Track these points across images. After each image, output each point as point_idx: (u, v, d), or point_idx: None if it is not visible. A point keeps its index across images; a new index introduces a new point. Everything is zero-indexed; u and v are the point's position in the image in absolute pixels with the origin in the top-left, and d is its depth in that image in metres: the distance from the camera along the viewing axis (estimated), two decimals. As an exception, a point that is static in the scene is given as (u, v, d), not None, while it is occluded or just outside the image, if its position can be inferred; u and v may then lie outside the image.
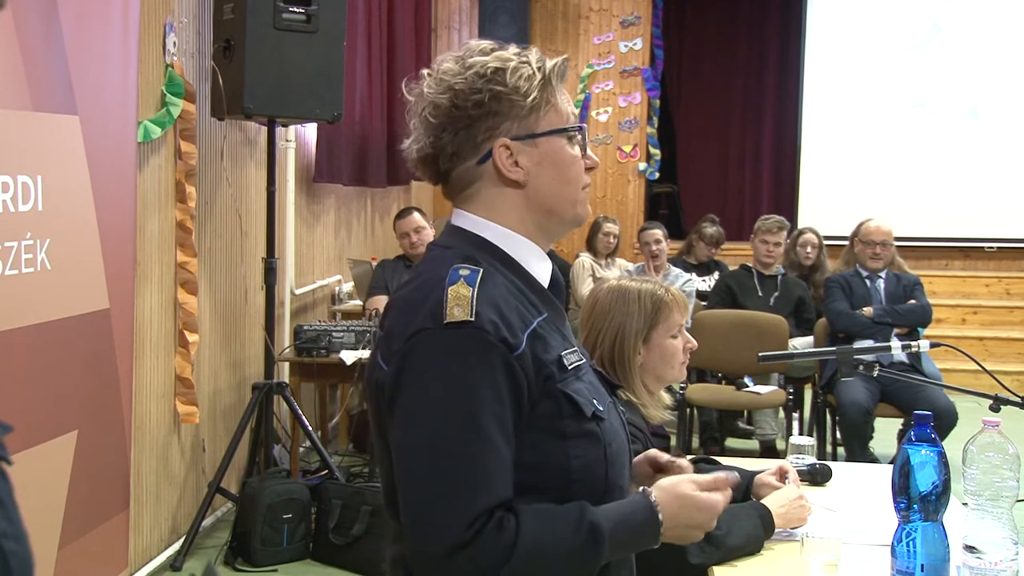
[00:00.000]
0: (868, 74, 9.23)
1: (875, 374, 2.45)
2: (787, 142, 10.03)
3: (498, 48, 1.44)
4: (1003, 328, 8.47)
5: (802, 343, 5.47)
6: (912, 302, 5.27)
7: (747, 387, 5.31)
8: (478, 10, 8.52)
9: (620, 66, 9.17)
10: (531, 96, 1.40)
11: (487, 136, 1.41)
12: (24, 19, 2.57)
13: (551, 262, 1.50)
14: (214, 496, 4.06)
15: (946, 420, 4.59)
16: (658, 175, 9.41)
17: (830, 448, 5.39)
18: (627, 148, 9.18)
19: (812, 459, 2.57)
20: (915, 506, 1.66)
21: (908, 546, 1.67)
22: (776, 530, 2.08)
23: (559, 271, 1.53)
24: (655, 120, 9.34)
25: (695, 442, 5.63)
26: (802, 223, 8.06)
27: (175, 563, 3.84)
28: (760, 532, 2.05)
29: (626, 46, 9.15)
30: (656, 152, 9.26)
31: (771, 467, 2.32)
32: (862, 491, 2.46)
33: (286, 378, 4.83)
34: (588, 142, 1.49)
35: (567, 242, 8.03)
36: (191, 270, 3.98)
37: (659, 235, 6.23)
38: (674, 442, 5.14)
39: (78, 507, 2.85)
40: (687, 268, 6.57)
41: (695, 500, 1.40)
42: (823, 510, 2.29)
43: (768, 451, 5.49)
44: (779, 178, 10.34)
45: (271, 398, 4.23)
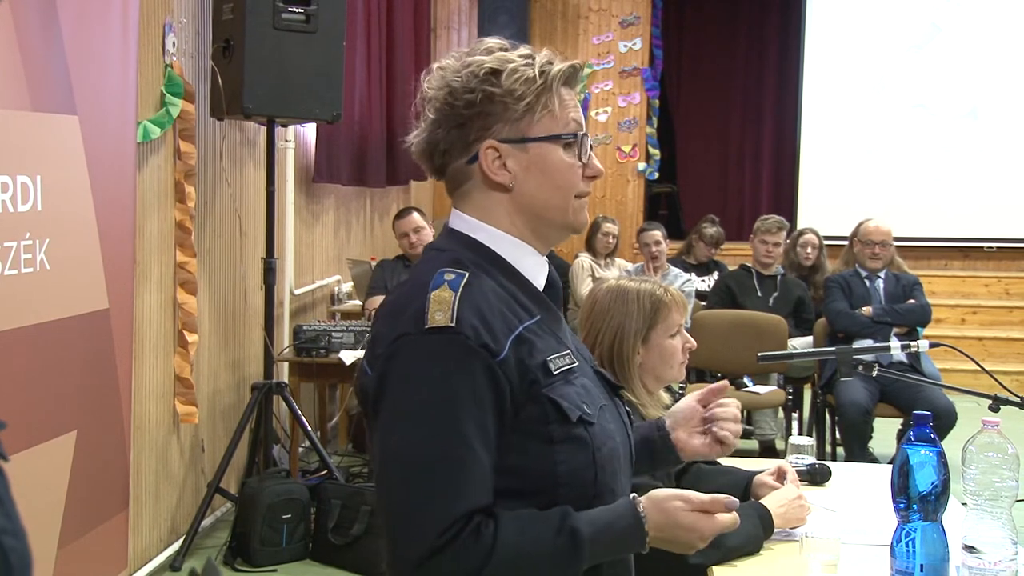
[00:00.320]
0: (868, 74, 9.23)
1: (874, 374, 2.45)
2: (787, 142, 10.04)
3: (505, 48, 1.42)
4: (1002, 328, 8.48)
5: (801, 343, 5.47)
6: (911, 302, 5.27)
7: (746, 387, 5.31)
8: (477, 10, 8.52)
9: (619, 66, 9.17)
10: (525, 100, 1.39)
11: (478, 136, 1.40)
12: (23, 19, 2.57)
13: (546, 263, 1.49)
14: (213, 496, 4.06)
15: (945, 420, 4.59)
16: (657, 175, 9.42)
17: (829, 448, 5.40)
18: (626, 148, 9.18)
19: (811, 459, 2.57)
20: (914, 506, 1.66)
21: (907, 546, 1.67)
22: (775, 530, 2.08)
23: (556, 272, 1.52)
24: (654, 120, 9.34)
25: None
26: (802, 223, 8.06)
27: (174, 563, 3.84)
28: (759, 532, 2.05)
29: (625, 46, 9.15)
30: (655, 152, 9.26)
31: (770, 467, 2.32)
32: (861, 491, 2.46)
33: (285, 378, 4.83)
34: (591, 149, 1.46)
35: (566, 242, 7.99)
36: (190, 270, 3.97)
37: (658, 236, 6.22)
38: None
39: (77, 507, 2.85)
40: (686, 268, 6.57)
41: (679, 519, 1.37)
42: (822, 510, 2.29)
43: (767, 451, 5.49)
44: (779, 178, 10.34)
45: (270, 398, 4.23)
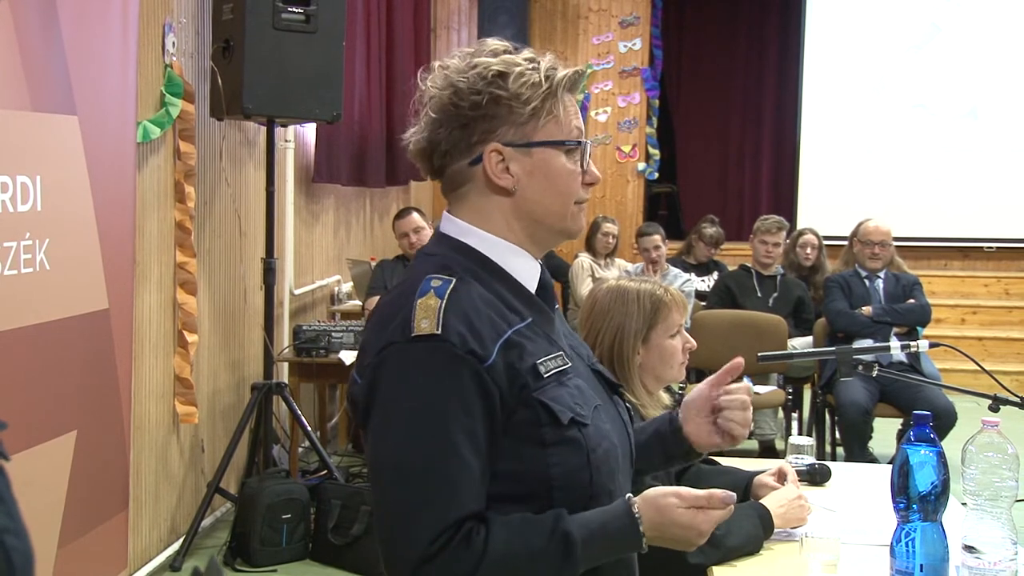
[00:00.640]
0: (867, 74, 9.23)
1: (874, 374, 2.45)
2: (786, 142, 10.04)
3: (510, 51, 1.41)
4: (1002, 328, 8.48)
5: (801, 343, 5.47)
6: (911, 301, 5.28)
7: (746, 387, 5.30)
8: (477, 10, 8.52)
9: (619, 66, 9.17)
10: (532, 104, 1.38)
11: (481, 138, 1.39)
12: (23, 19, 2.57)
13: (538, 265, 1.48)
14: (213, 496, 4.06)
15: (945, 420, 4.59)
16: (657, 175, 9.41)
17: (829, 448, 5.40)
18: (626, 148, 9.18)
19: (811, 459, 2.57)
20: (914, 506, 1.66)
21: (907, 546, 1.67)
22: (775, 530, 2.09)
23: (550, 273, 1.52)
24: (654, 120, 9.33)
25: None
26: (801, 223, 8.07)
27: (174, 563, 3.84)
28: (759, 532, 2.05)
29: (625, 46, 9.15)
30: (655, 152, 9.26)
31: (770, 468, 2.32)
32: (861, 491, 2.46)
33: (285, 378, 4.83)
34: (590, 157, 1.46)
35: (566, 242, 8.01)
36: (190, 270, 3.97)
37: (658, 240, 6.20)
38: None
39: (77, 507, 2.85)
40: (686, 268, 6.57)
41: (675, 516, 1.36)
42: (822, 510, 2.29)
43: (767, 451, 5.49)
44: (778, 178, 10.35)
45: (270, 398, 4.23)
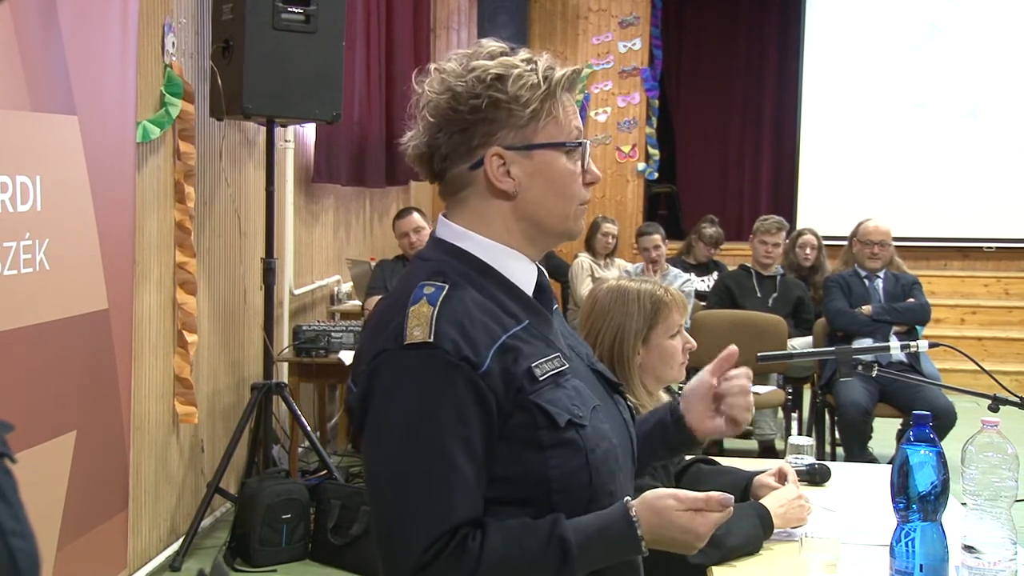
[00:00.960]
0: (867, 74, 9.23)
1: (874, 374, 2.45)
2: (786, 142, 10.04)
3: (507, 53, 1.40)
4: (1002, 328, 8.48)
5: (801, 343, 5.47)
6: (911, 300, 5.28)
7: (746, 387, 5.30)
8: (477, 10, 8.51)
9: (619, 66, 9.17)
10: (531, 106, 1.37)
11: (482, 142, 1.38)
12: (23, 19, 2.57)
13: (535, 268, 1.47)
14: (213, 496, 4.06)
15: (945, 420, 4.59)
16: (657, 175, 9.41)
17: (829, 448, 5.40)
18: (626, 148, 9.18)
19: (811, 459, 2.57)
20: (914, 506, 1.66)
21: (907, 546, 1.68)
22: (775, 530, 2.09)
23: (549, 273, 1.51)
24: (654, 120, 9.33)
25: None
26: (801, 223, 8.06)
27: (174, 563, 3.84)
28: (759, 532, 2.05)
29: (625, 46, 9.15)
30: (655, 152, 9.26)
31: (770, 468, 2.32)
32: (861, 491, 2.46)
33: (285, 378, 4.83)
34: (589, 157, 1.45)
35: (566, 243, 8.01)
36: (190, 270, 3.97)
37: (658, 240, 6.20)
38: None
39: (77, 507, 2.85)
40: (686, 268, 6.57)
41: (673, 518, 1.35)
42: (822, 510, 2.29)
43: (767, 451, 5.49)
44: (778, 178, 10.35)
45: (270, 398, 4.23)
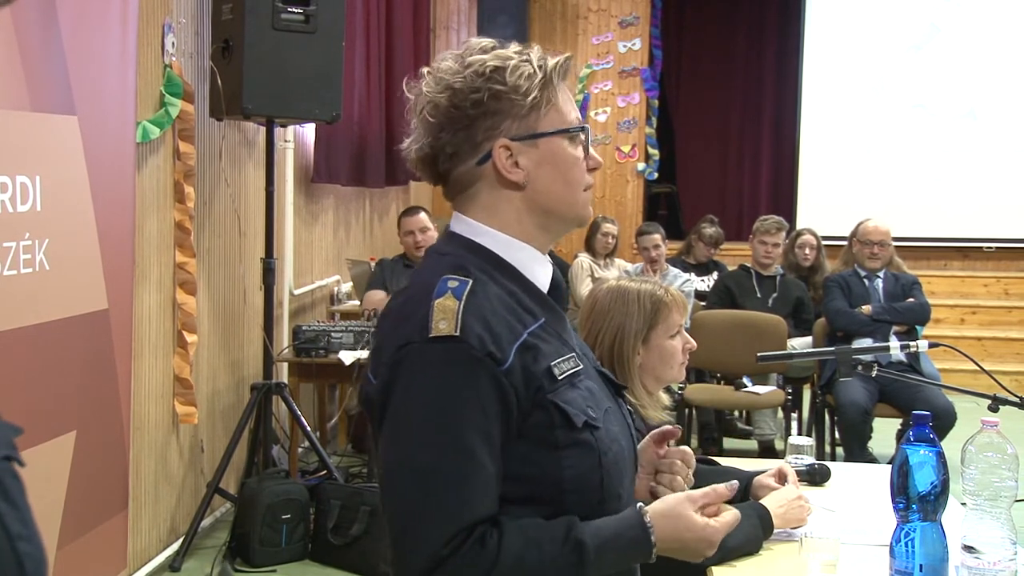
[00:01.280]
0: (867, 74, 9.24)
1: (874, 374, 2.45)
2: (786, 142, 10.04)
3: (498, 46, 1.41)
4: (1001, 328, 8.48)
5: (801, 343, 5.47)
6: (911, 300, 5.28)
7: (746, 387, 5.31)
8: (477, 10, 8.52)
9: (619, 66, 9.17)
10: (531, 95, 1.37)
11: (486, 136, 1.38)
12: (23, 19, 2.57)
13: (551, 264, 1.48)
14: (213, 496, 4.06)
15: (945, 420, 4.59)
16: (657, 175, 9.42)
17: (829, 448, 5.39)
18: (626, 148, 9.18)
19: (811, 459, 2.57)
20: (914, 506, 1.66)
21: (907, 546, 1.68)
22: (775, 530, 2.08)
23: (560, 272, 1.52)
24: (654, 120, 9.34)
25: (694, 442, 5.63)
26: (801, 223, 8.06)
27: (174, 563, 3.84)
28: (759, 532, 2.05)
29: (625, 46, 9.16)
30: (655, 152, 9.27)
31: (770, 468, 2.31)
32: (861, 491, 2.46)
33: (285, 378, 4.83)
34: (591, 142, 1.46)
35: (566, 242, 8.03)
36: (190, 270, 3.97)
37: (657, 239, 6.21)
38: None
39: (77, 507, 2.85)
40: (686, 268, 6.57)
41: (690, 524, 1.37)
42: (822, 510, 2.29)
43: (767, 451, 5.49)
44: (778, 178, 10.35)
45: (270, 398, 4.23)
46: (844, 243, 5.69)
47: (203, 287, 4.21)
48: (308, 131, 5.50)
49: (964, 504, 1.75)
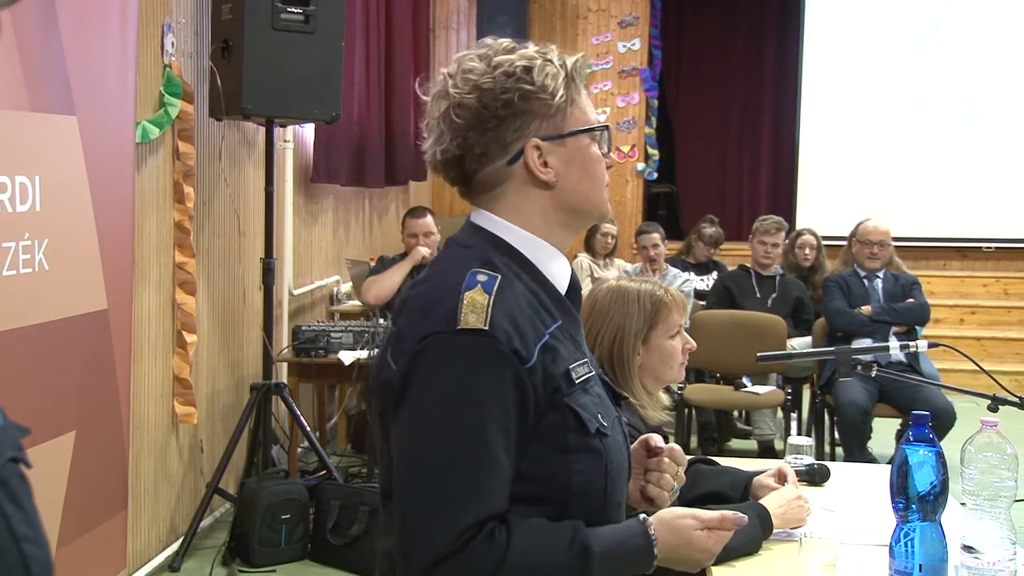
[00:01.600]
0: (866, 74, 9.24)
1: (873, 374, 2.45)
2: (786, 142, 10.04)
3: (519, 46, 1.42)
4: (1001, 328, 8.48)
5: (800, 343, 5.47)
6: (910, 301, 5.28)
7: (745, 387, 5.31)
8: (476, 11, 8.52)
9: (618, 66, 9.17)
10: (559, 94, 1.39)
11: (516, 136, 1.38)
12: (22, 20, 2.57)
13: (569, 266, 1.48)
14: (212, 496, 4.06)
15: (944, 420, 4.59)
16: (656, 175, 9.42)
17: (828, 448, 5.39)
18: (625, 148, 9.18)
19: (810, 459, 2.57)
20: (913, 506, 1.66)
21: (906, 546, 1.68)
22: (775, 530, 2.08)
23: (577, 274, 1.52)
24: (653, 120, 9.34)
25: (693, 442, 5.63)
26: (800, 223, 8.06)
27: (173, 564, 3.84)
28: (758, 532, 2.05)
29: (624, 46, 9.16)
30: (654, 152, 9.27)
31: (770, 468, 2.31)
32: (860, 491, 2.46)
33: (284, 378, 4.83)
34: (612, 141, 1.48)
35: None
36: (189, 270, 3.97)
37: (656, 239, 6.21)
38: (672, 443, 5.13)
39: (76, 507, 2.85)
40: (686, 268, 6.57)
41: (692, 537, 1.39)
42: (821, 510, 2.29)
43: (766, 451, 5.49)
44: (778, 178, 10.35)
45: (269, 398, 4.23)
46: (844, 243, 5.70)
47: (203, 287, 4.21)
48: (308, 131, 5.50)
49: (963, 504, 1.75)
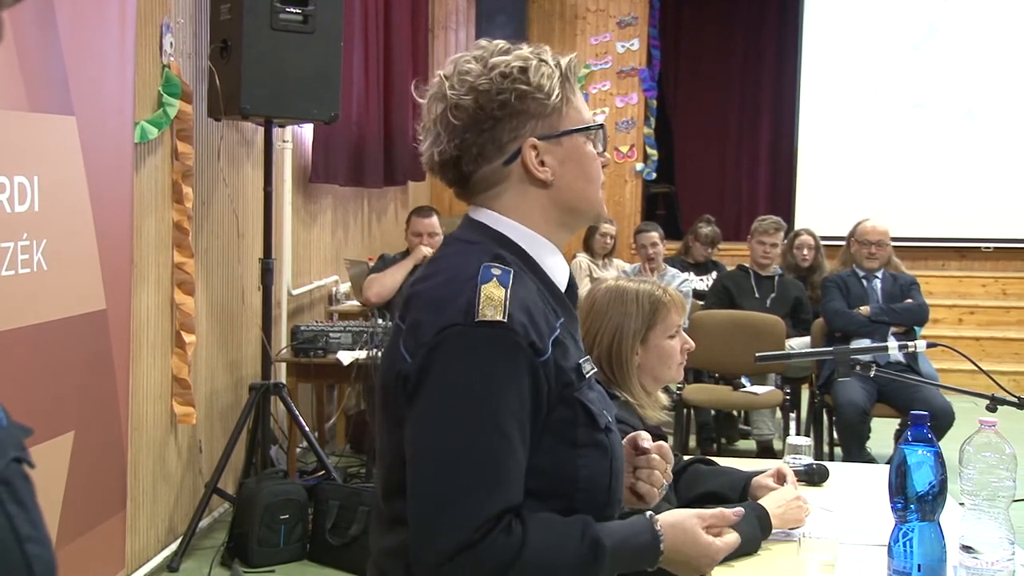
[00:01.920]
0: (865, 74, 9.24)
1: (872, 374, 2.45)
2: (784, 142, 10.05)
3: (514, 47, 1.43)
4: (999, 328, 8.48)
5: (799, 343, 5.47)
6: (909, 301, 5.29)
7: (744, 387, 5.31)
8: (475, 11, 8.52)
9: (617, 66, 9.17)
10: (555, 94, 1.40)
11: (512, 136, 1.40)
12: (21, 20, 2.57)
13: (567, 264, 1.49)
14: (211, 497, 4.06)
15: (943, 420, 4.59)
16: (655, 175, 9.42)
17: (827, 448, 5.40)
18: (624, 148, 9.18)
19: (809, 459, 2.57)
20: (912, 506, 1.66)
21: (905, 546, 1.68)
22: (773, 530, 2.09)
23: (573, 273, 1.53)
24: (652, 120, 9.34)
25: (692, 442, 5.63)
26: (799, 223, 8.06)
27: (172, 564, 3.84)
28: (757, 532, 2.05)
29: (623, 46, 9.16)
30: (653, 152, 9.27)
31: (768, 468, 2.31)
32: (859, 491, 2.46)
33: (283, 379, 4.83)
34: (606, 140, 1.49)
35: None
36: (188, 271, 3.97)
37: (655, 238, 6.21)
38: (671, 443, 5.14)
39: (75, 508, 2.85)
40: (685, 268, 6.57)
41: (697, 539, 1.41)
42: (820, 510, 2.29)
43: (765, 451, 5.49)
44: (776, 178, 10.36)
45: (268, 399, 4.22)
46: (842, 243, 5.70)
47: (201, 287, 4.21)
48: (306, 131, 5.50)
49: (962, 504, 1.75)
